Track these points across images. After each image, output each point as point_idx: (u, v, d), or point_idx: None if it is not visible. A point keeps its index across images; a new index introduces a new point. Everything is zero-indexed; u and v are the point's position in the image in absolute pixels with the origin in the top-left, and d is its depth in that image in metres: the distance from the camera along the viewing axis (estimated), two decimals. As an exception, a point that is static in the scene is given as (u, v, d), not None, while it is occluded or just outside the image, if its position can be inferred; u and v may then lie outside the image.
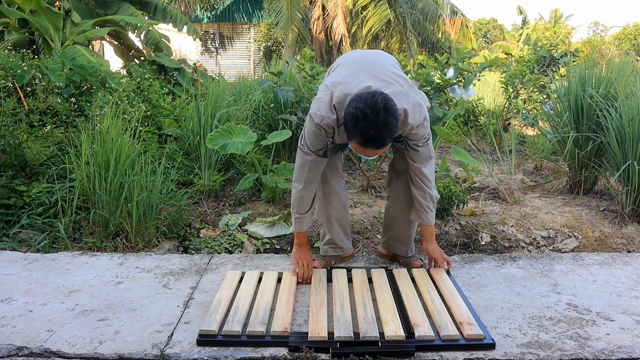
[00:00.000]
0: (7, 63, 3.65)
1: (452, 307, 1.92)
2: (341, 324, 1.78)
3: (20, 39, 6.31)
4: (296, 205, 2.16)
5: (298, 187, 2.14)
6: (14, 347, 1.69)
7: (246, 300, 1.97)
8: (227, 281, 2.14)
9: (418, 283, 2.15)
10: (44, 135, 3.26)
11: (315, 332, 1.73)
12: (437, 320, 1.83)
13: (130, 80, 4.76)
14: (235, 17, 17.20)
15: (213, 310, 1.87)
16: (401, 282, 2.15)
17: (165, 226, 2.88)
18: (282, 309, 1.91)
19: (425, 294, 2.04)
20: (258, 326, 1.77)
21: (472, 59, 8.30)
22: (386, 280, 2.15)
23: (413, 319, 1.83)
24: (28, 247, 2.67)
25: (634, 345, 1.72)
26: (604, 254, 2.57)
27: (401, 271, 2.26)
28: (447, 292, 2.05)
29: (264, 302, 1.95)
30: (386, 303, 1.95)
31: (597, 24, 41.09)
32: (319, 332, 1.73)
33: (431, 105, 3.91)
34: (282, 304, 1.95)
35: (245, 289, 2.07)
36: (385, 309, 1.90)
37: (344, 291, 2.05)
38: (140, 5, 7.75)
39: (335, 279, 2.17)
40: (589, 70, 3.57)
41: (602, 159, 3.43)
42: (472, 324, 1.79)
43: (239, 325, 1.78)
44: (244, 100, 4.60)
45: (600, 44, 19.07)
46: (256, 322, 1.79)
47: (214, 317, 1.82)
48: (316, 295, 2.02)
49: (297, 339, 1.72)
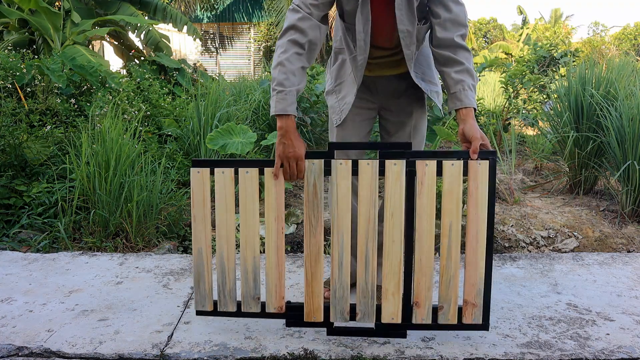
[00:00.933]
0: (7, 63, 3.65)
1: (468, 271, 1.65)
2: (337, 303, 1.70)
3: (20, 39, 6.31)
4: (277, 74, 1.62)
5: (279, 51, 1.64)
6: (14, 347, 1.69)
7: (230, 261, 1.74)
8: (197, 206, 1.73)
9: (443, 206, 1.64)
10: (44, 136, 3.26)
11: (310, 317, 1.73)
12: (442, 295, 1.68)
13: (130, 80, 4.77)
14: (235, 17, 17.20)
15: (200, 278, 1.74)
16: (421, 202, 1.64)
17: (165, 226, 2.88)
18: (274, 274, 1.71)
19: (444, 240, 1.64)
20: (253, 305, 1.76)
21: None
22: (401, 202, 1.64)
23: (416, 292, 1.68)
24: (28, 247, 2.67)
25: (634, 345, 1.72)
26: (604, 254, 2.58)
27: (425, 177, 1.63)
28: (473, 232, 1.63)
29: (251, 263, 1.72)
30: (392, 262, 1.66)
31: (597, 24, 41.15)
32: (314, 315, 1.73)
33: (431, 105, 3.91)
34: (272, 264, 1.70)
35: (225, 230, 1.74)
36: (390, 273, 1.66)
37: (345, 229, 1.68)
38: (140, 5, 7.76)
39: (334, 191, 1.68)
40: (589, 70, 3.57)
41: (602, 159, 3.43)
42: (476, 305, 1.68)
43: (233, 304, 1.76)
44: (244, 100, 4.60)
45: (600, 44, 19.07)
46: (249, 299, 1.75)
47: (203, 292, 1.75)
48: (310, 237, 1.69)
49: (294, 318, 1.75)
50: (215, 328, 1.83)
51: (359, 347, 1.71)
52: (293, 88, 1.61)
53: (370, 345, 1.72)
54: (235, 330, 1.81)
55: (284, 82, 1.61)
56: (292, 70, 1.62)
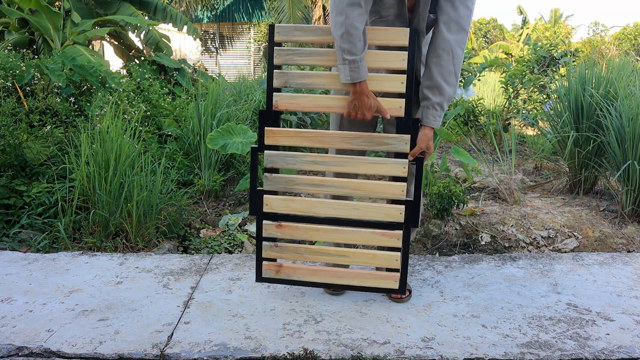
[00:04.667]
0: (7, 63, 3.65)
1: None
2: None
3: (20, 39, 6.32)
4: (344, 43, 1.68)
5: (340, 19, 1.67)
6: (14, 347, 1.69)
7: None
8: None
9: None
10: (44, 135, 3.26)
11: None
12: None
13: (130, 80, 4.77)
14: (235, 17, 17.20)
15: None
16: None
17: (165, 226, 2.88)
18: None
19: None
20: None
21: (472, 59, 8.29)
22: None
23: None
24: (28, 247, 2.67)
25: (634, 345, 1.72)
26: (604, 254, 2.58)
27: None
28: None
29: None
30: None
31: (597, 24, 41.15)
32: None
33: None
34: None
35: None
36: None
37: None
38: (140, 5, 7.76)
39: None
40: (589, 70, 3.58)
41: (602, 159, 3.43)
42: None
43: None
44: (244, 100, 4.60)
45: (600, 44, 19.06)
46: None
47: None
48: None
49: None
50: (215, 328, 1.83)
51: (359, 347, 1.71)
52: (363, 54, 1.72)
53: (370, 345, 1.72)
54: (235, 330, 1.81)
55: (352, 50, 1.69)
56: (358, 35, 1.69)
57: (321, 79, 1.90)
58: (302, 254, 2.02)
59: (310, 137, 1.95)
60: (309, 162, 1.96)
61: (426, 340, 1.76)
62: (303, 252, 2.02)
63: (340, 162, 1.93)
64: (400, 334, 1.80)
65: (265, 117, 1.94)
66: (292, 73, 1.89)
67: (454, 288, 2.17)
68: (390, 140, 1.88)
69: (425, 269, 2.37)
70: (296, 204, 1.97)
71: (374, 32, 1.82)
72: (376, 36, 1.82)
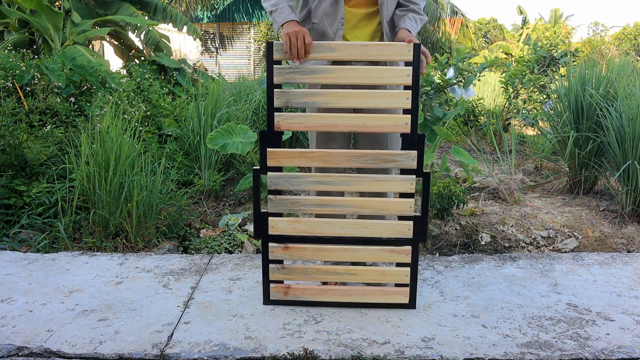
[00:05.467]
0: (7, 63, 3.65)
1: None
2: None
3: (20, 39, 6.31)
4: (267, 5, 1.94)
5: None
6: (14, 347, 1.69)
7: None
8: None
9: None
10: (44, 135, 3.26)
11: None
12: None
13: (130, 80, 4.77)
14: (235, 17, 17.19)
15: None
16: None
17: (165, 226, 2.88)
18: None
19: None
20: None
21: (472, 59, 8.30)
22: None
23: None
24: (28, 247, 2.67)
25: (634, 345, 1.72)
26: (604, 254, 2.58)
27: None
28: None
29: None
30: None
31: (597, 24, 41.14)
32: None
33: (431, 105, 3.92)
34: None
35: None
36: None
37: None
38: (140, 5, 7.76)
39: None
40: (589, 70, 3.57)
41: (602, 159, 3.43)
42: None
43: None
44: (244, 100, 4.60)
45: (600, 44, 19.06)
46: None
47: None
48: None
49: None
50: (215, 328, 1.83)
51: (359, 347, 1.71)
52: (285, 4, 1.89)
53: (370, 345, 1.72)
54: (235, 330, 1.81)
55: (275, 2, 1.90)
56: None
57: (325, 97, 1.87)
58: (310, 274, 1.98)
59: (315, 157, 1.91)
60: (314, 183, 1.92)
61: (426, 340, 1.76)
62: (311, 273, 1.98)
63: (346, 181, 1.91)
64: (400, 334, 1.80)
65: (266, 138, 1.90)
66: (293, 92, 1.86)
67: (454, 288, 2.17)
68: (397, 157, 1.87)
69: (425, 269, 2.37)
70: (302, 225, 1.94)
71: (378, 47, 1.83)
72: (380, 51, 1.83)
